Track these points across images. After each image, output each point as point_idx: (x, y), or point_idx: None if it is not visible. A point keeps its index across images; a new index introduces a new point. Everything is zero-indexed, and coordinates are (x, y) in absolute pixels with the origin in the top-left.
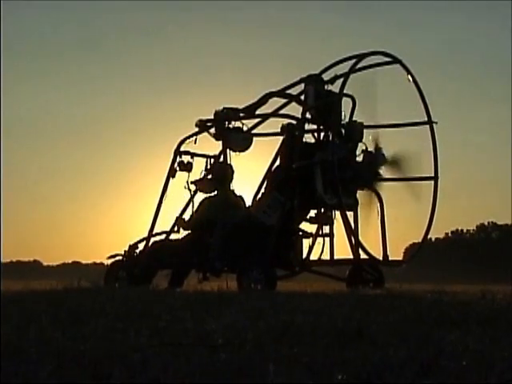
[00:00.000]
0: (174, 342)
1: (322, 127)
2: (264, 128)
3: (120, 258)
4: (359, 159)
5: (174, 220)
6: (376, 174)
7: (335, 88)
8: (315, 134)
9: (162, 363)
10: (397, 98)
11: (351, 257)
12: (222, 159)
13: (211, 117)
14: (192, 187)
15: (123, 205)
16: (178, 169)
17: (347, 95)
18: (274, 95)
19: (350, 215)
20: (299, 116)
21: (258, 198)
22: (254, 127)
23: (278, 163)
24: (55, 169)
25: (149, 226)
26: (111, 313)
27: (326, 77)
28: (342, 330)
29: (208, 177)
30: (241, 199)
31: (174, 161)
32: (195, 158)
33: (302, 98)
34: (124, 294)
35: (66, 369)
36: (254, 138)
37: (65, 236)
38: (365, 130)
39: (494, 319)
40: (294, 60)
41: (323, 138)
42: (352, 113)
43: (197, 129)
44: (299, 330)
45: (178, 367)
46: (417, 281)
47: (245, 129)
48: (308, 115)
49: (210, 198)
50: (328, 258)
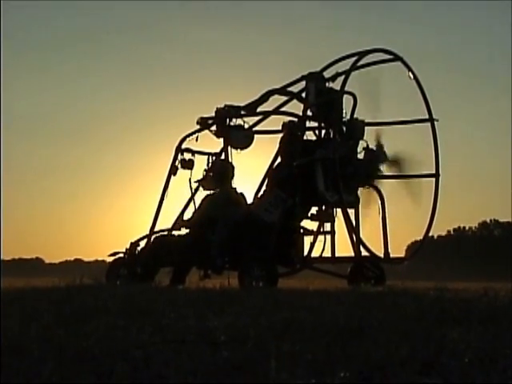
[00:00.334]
0: (177, 339)
1: (323, 125)
2: (265, 125)
3: (121, 255)
4: (360, 157)
5: (175, 220)
6: (376, 172)
7: (336, 85)
8: (316, 132)
9: (164, 360)
10: (398, 96)
11: (352, 254)
12: (223, 157)
13: (212, 114)
14: (194, 185)
15: (125, 202)
16: (179, 166)
17: (348, 93)
18: (275, 93)
19: (351, 212)
20: (300, 113)
21: (260, 195)
22: (255, 125)
23: (279, 161)
24: (57, 166)
25: (150, 224)
26: (113, 310)
27: (327, 74)
28: (344, 327)
29: (209, 174)
30: (242, 197)
31: (175, 158)
32: (196, 156)
33: (304, 95)
34: (126, 292)
35: (68, 366)
36: (256, 136)
37: (67, 233)
38: (368, 128)
39: (496, 317)
40: (296, 57)
41: (324, 135)
42: (353, 110)
43: (198, 126)
44: (301, 328)
45: (181, 364)
46: (419, 278)
47: (246, 126)
48: (309, 113)
49: (211, 195)
50: (329, 255)
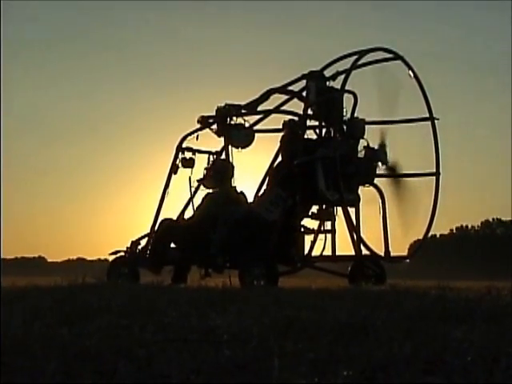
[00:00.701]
0: (179, 338)
1: (323, 123)
2: (266, 124)
3: (122, 254)
4: (361, 155)
5: (176, 218)
6: (375, 170)
7: (337, 84)
8: (317, 131)
9: (166, 359)
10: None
11: (353, 253)
12: (223, 156)
13: (213, 113)
14: (194, 184)
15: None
16: (180, 165)
17: (349, 91)
18: (275, 91)
19: (351, 211)
20: (301, 112)
21: (260, 194)
22: (255, 123)
23: (280, 160)
24: (59, 165)
25: (151, 223)
26: (116, 309)
27: (327, 73)
28: (347, 326)
29: (210, 173)
30: (243, 195)
31: (176, 157)
32: (197, 155)
33: (304, 94)
34: (129, 290)
35: (71, 365)
36: (256, 135)
37: (69, 232)
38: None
39: (499, 315)
40: (296, 56)
41: (325, 134)
42: (354, 109)
43: (199, 125)
44: (304, 326)
45: (183, 363)
46: (421, 277)
47: (247, 125)
48: (310, 111)
49: (211, 193)
50: (330, 253)
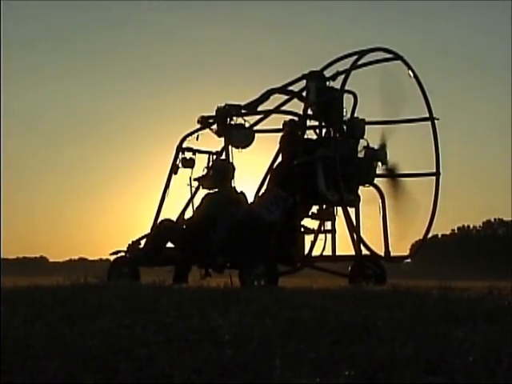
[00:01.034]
0: (181, 338)
1: (323, 123)
2: (266, 124)
3: (123, 254)
4: (361, 155)
5: (176, 218)
6: (375, 170)
7: (337, 84)
8: (317, 131)
9: (168, 359)
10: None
11: (353, 253)
12: (224, 156)
13: (213, 113)
14: (194, 184)
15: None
16: (180, 165)
17: (349, 91)
18: (275, 92)
19: (351, 211)
20: (301, 112)
21: (261, 194)
22: (255, 124)
23: (280, 160)
24: (60, 165)
25: (151, 223)
26: (118, 309)
27: (327, 73)
28: (348, 326)
29: (210, 173)
30: (243, 195)
31: (176, 157)
32: (197, 155)
33: (304, 94)
34: (130, 290)
35: (73, 364)
36: (256, 135)
37: (71, 232)
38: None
39: (500, 315)
40: (296, 56)
41: (325, 134)
42: (354, 109)
43: (199, 125)
44: (305, 326)
45: (185, 363)
46: (423, 277)
47: (247, 125)
48: (310, 111)
49: (211, 193)
50: (330, 253)
